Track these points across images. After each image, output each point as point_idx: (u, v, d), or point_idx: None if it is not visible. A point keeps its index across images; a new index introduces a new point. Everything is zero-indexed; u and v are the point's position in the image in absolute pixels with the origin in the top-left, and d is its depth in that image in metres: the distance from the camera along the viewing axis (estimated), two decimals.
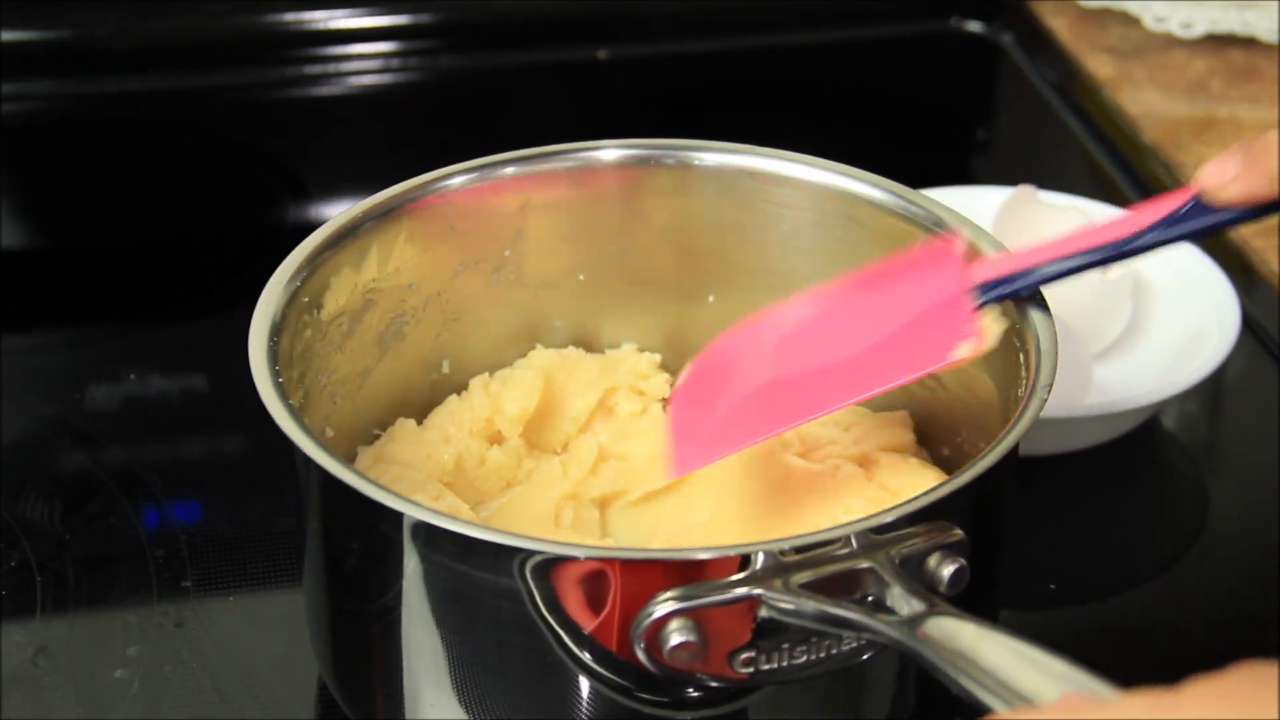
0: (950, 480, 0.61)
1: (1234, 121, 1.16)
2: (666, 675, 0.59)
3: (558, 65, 1.28)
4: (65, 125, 1.22)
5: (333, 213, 0.74)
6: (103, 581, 0.80)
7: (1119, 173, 1.15)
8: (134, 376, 0.94)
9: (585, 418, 0.79)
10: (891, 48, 1.33)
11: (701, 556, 0.58)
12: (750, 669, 0.59)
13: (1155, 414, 0.91)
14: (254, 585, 0.81)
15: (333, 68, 1.26)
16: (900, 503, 0.60)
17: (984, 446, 0.63)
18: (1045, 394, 0.64)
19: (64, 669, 0.76)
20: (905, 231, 0.74)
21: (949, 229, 0.72)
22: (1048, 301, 0.68)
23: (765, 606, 0.58)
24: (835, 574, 0.58)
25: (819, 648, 0.59)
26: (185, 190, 1.16)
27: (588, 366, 0.80)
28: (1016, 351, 0.68)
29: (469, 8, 1.28)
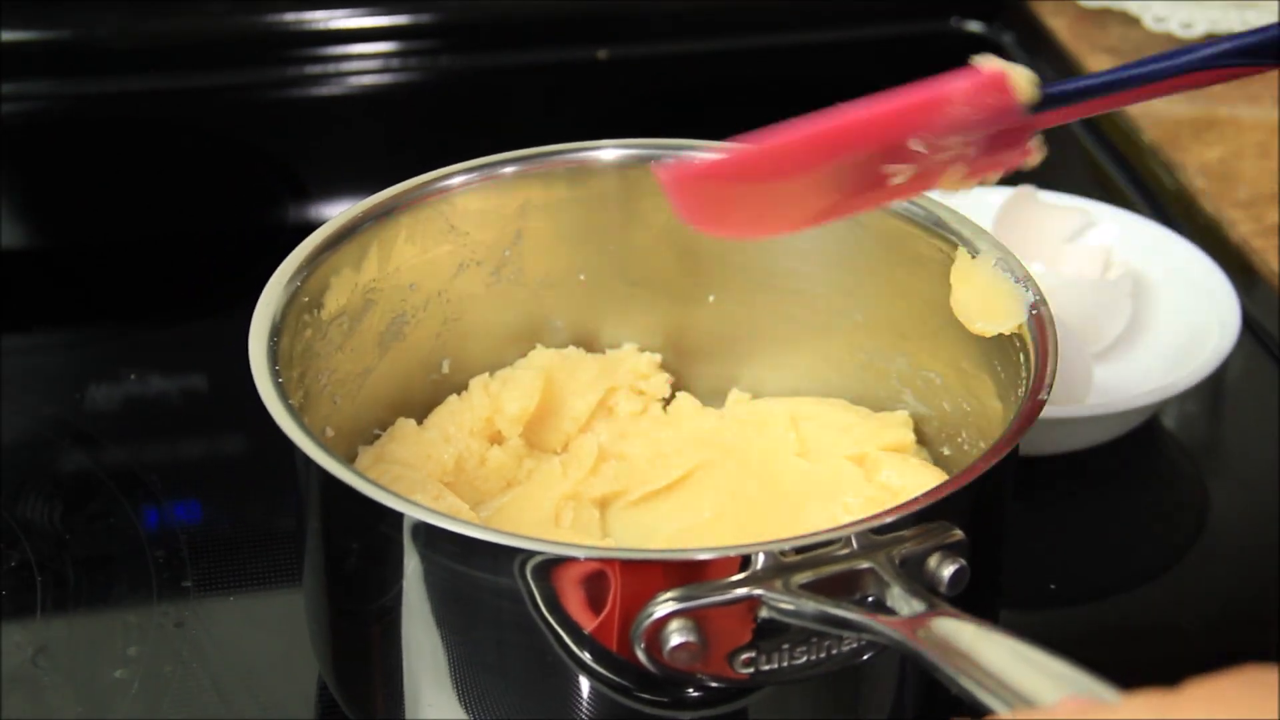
0: (950, 480, 0.61)
1: (1234, 122, 1.16)
2: (667, 675, 0.59)
3: (558, 65, 1.28)
4: (65, 125, 1.22)
5: (333, 213, 0.74)
6: (103, 581, 0.80)
7: (1119, 173, 1.15)
8: (134, 376, 0.94)
9: (585, 418, 0.79)
10: (891, 48, 1.33)
11: (702, 557, 0.58)
12: (750, 669, 0.59)
13: (1155, 414, 0.91)
14: (254, 585, 0.81)
15: (333, 68, 1.26)
16: (900, 503, 0.60)
17: (984, 446, 0.63)
18: (1045, 394, 0.64)
19: (64, 669, 0.76)
20: (906, 231, 0.74)
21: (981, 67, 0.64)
22: (1048, 301, 0.68)
23: (765, 607, 0.58)
24: (835, 574, 0.58)
25: (819, 648, 0.59)
26: (185, 190, 1.16)
27: (588, 366, 0.80)
28: (1016, 351, 0.68)
29: (469, 8, 1.28)
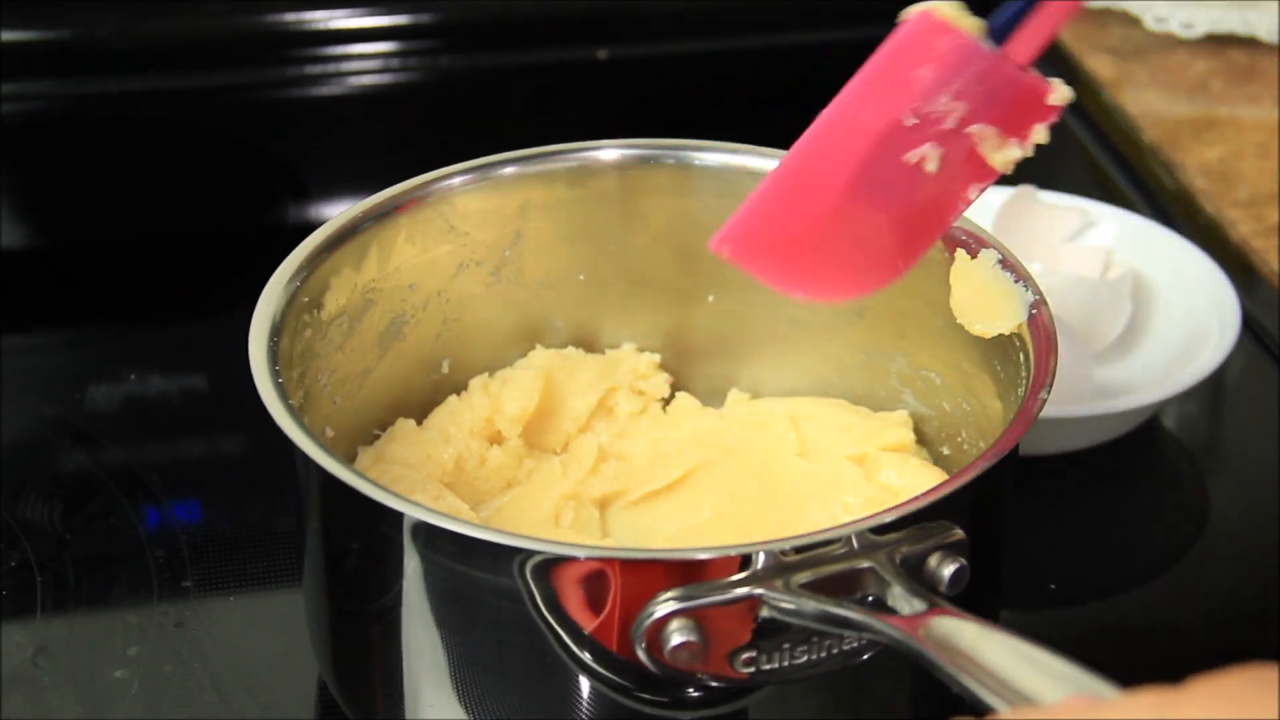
0: (950, 480, 0.61)
1: (1234, 122, 1.16)
2: (667, 675, 0.59)
3: (558, 65, 1.28)
4: (65, 125, 1.22)
5: (333, 213, 0.74)
6: (103, 581, 0.80)
7: (1119, 173, 1.15)
8: (134, 376, 0.94)
9: (585, 418, 0.79)
10: None
11: (702, 556, 0.58)
12: (751, 669, 0.59)
13: (1155, 414, 0.91)
14: (254, 585, 0.81)
15: (333, 68, 1.26)
16: (900, 503, 0.60)
17: (984, 446, 0.63)
18: (1045, 394, 0.64)
19: (64, 669, 0.76)
20: None
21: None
22: (1048, 301, 0.68)
23: (766, 606, 0.58)
24: (836, 574, 0.58)
25: (820, 647, 0.59)
26: (185, 190, 1.16)
27: (588, 366, 0.80)
28: (1016, 351, 0.68)
29: (469, 8, 1.28)
